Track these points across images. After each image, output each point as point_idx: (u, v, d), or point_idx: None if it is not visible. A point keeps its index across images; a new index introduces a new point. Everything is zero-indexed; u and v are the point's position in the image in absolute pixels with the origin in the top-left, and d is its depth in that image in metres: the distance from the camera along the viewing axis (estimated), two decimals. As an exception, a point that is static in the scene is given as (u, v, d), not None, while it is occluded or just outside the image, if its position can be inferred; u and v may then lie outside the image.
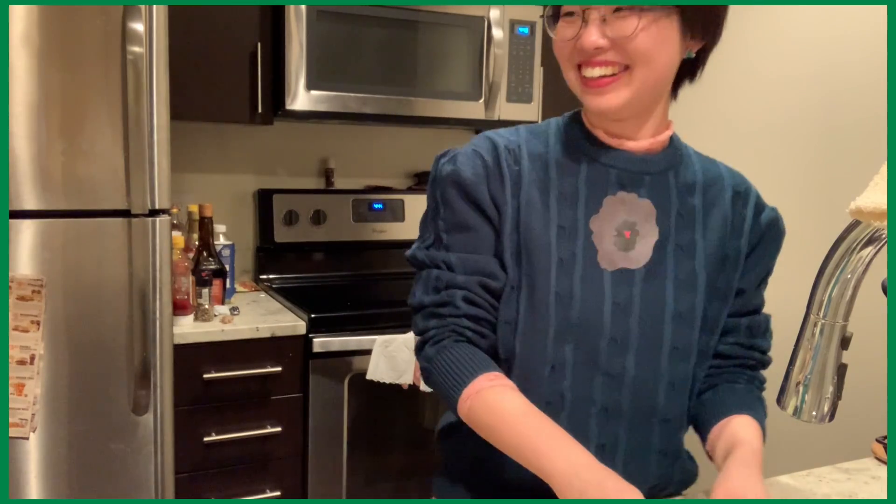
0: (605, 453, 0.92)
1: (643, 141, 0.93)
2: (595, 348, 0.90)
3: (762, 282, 1.01)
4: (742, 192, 0.98)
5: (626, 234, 0.92)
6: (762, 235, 0.98)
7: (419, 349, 0.94)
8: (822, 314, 0.70)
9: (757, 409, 0.95)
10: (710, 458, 0.93)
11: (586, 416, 0.91)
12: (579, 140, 0.95)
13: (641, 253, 0.92)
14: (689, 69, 0.95)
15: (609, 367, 0.91)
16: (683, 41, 0.87)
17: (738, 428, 0.90)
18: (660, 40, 0.84)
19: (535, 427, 0.80)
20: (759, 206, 0.99)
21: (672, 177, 0.95)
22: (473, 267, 0.91)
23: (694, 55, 0.91)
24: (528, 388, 0.88)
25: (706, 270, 0.94)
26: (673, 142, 0.97)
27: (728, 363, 1.00)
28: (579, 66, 0.87)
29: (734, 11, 0.92)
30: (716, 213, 0.96)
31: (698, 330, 0.93)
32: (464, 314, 0.90)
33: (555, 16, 0.88)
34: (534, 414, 0.82)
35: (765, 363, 1.02)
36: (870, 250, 0.67)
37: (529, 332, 0.90)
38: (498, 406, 0.83)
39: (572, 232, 0.91)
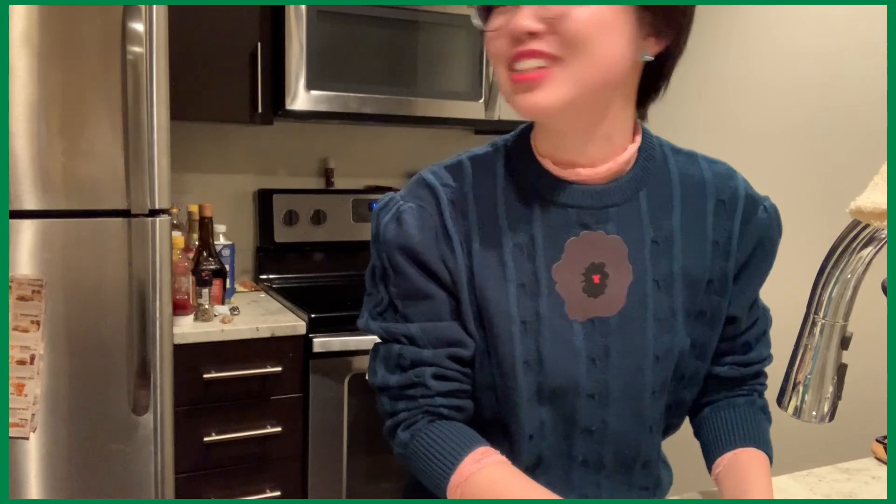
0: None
1: (601, 167, 0.81)
2: (573, 407, 0.83)
3: (755, 300, 0.92)
4: (727, 201, 0.86)
5: (595, 279, 0.82)
6: (751, 254, 0.87)
7: (391, 433, 0.85)
8: (822, 314, 0.70)
9: (761, 431, 0.90)
10: (717, 484, 0.89)
11: (566, 471, 0.86)
12: (528, 174, 0.83)
13: (615, 298, 0.82)
14: (653, 80, 0.82)
15: (588, 424, 0.84)
16: (638, 37, 0.74)
17: (746, 471, 0.84)
18: (603, 25, 0.71)
19: None
20: (748, 211, 0.86)
21: (644, 199, 0.83)
22: (439, 337, 0.81)
23: (652, 58, 0.77)
24: (512, 452, 0.84)
25: (686, 304, 0.84)
26: (644, 151, 0.84)
27: (727, 384, 0.94)
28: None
29: (735, 11, 0.89)
30: (697, 231, 0.85)
31: (672, 368, 0.85)
32: (436, 393, 0.81)
33: (487, 8, 0.76)
34: (534, 493, 0.74)
35: (764, 369, 0.95)
36: (870, 250, 0.67)
37: (504, 398, 0.83)
38: (495, 490, 0.75)
39: (533, 288, 0.81)
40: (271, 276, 2.47)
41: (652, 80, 0.82)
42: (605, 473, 0.87)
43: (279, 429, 2.01)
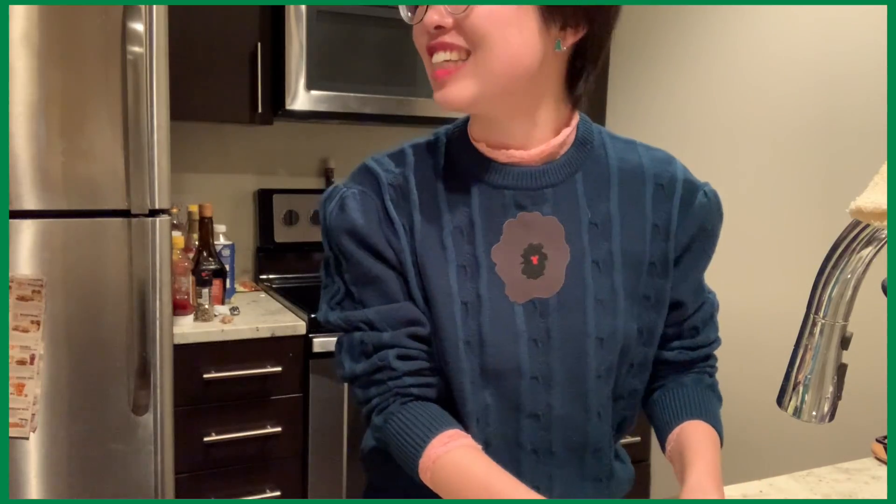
0: (539, 493, 0.86)
1: (534, 149, 0.83)
2: (516, 390, 0.84)
3: (700, 284, 0.93)
4: (666, 185, 0.87)
5: (534, 260, 0.84)
6: (693, 237, 0.88)
7: (366, 421, 0.87)
8: (822, 314, 0.70)
9: (709, 407, 0.90)
10: (671, 464, 0.88)
11: (516, 460, 0.86)
12: (465, 159, 0.86)
13: (553, 279, 0.84)
14: (578, 67, 0.83)
15: (534, 408, 0.84)
16: (547, 28, 0.77)
17: (691, 439, 0.84)
18: (504, 21, 0.75)
19: (500, 493, 0.74)
20: (687, 196, 0.87)
21: (580, 181, 0.85)
22: (396, 318, 0.83)
23: (564, 48, 0.79)
24: None
25: (627, 285, 0.85)
26: (579, 135, 0.86)
27: (676, 368, 0.94)
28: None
29: (735, 11, 0.89)
30: (635, 214, 0.86)
31: (618, 352, 0.86)
32: (403, 373, 0.83)
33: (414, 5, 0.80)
34: (496, 479, 0.76)
35: (712, 352, 0.96)
36: (870, 250, 0.67)
37: (449, 380, 0.84)
38: (460, 473, 0.77)
39: (473, 269, 0.83)
40: (271, 276, 2.47)
41: (578, 67, 0.84)
42: (556, 463, 0.87)
43: (279, 429, 2.01)
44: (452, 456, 0.78)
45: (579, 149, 0.86)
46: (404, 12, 0.81)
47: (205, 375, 1.91)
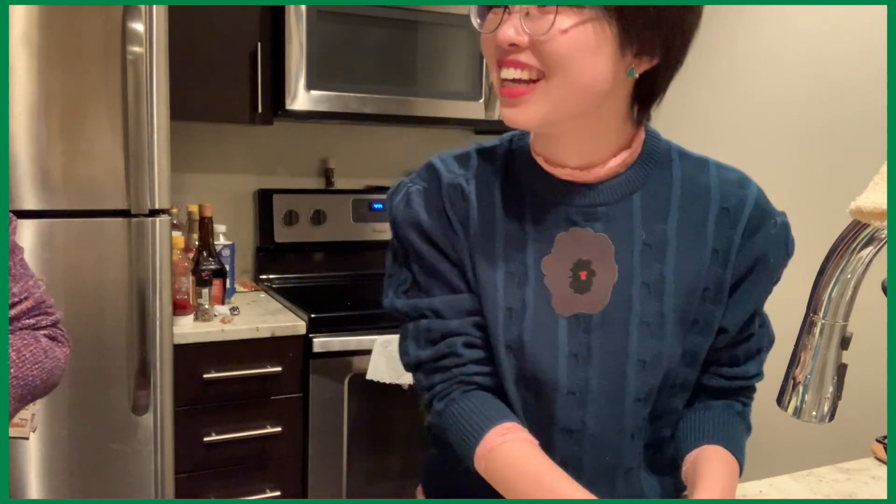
0: None
1: (590, 171, 0.83)
2: (551, 402, 0.84)
3: (752, 317, 0.88)
4: (731, 209, 0.84)
5: (582, 275, 0.83)
6: (751, 267, 0.85)
7: (427, 406, 0.88)
8: (822, 314, 0.70)
9: (733, 432, 0.88)
10: (686, 484, 0.86)
11: None
12: (524, 169, 0.86)
13: (598, 296, 0.83)
14: (648, 91, 0.82)
15: (567, 423, 0.84)
16: (622, 55, 0.75)
17: (708, 465, 0.82)
18: (583, 47, 0.72)
19: (551, 488, 0.75)
20: (754, 223, 0.84)
21: (638, 200, 0.84)
22: (462, 308, 0.85)
23: (636, 75, 0.78)
24: None
25: (678, 311, 0.83)
26: (644, 153, 0.85)
27: (707, 392, 0.92)
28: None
29: (736, 10, 0.88)
30: (695, 238, 0.83)
31: (661, 376, 0.84)
32: (468, 360, 0.84)
33: (483, 8, 0.78)
34: (548, 473, 0.77)
35: (750, 385, 0.92)
36: (870, 250, 0.67)
37: (500, 377, 0.86)
38: (513, 465, 0.78)
39: (522, 277, 0.84)
40: (271, 276, 2.47)
41: (647, 91, 0.82)
42: (586, 480, 0.84)
43: (279, 429, 2.01)
44: (508, 448, 0.79)
45: (641, 168, 0.84)
46: (474, 19, 0.79)
47: (205, 375, 1.91)
